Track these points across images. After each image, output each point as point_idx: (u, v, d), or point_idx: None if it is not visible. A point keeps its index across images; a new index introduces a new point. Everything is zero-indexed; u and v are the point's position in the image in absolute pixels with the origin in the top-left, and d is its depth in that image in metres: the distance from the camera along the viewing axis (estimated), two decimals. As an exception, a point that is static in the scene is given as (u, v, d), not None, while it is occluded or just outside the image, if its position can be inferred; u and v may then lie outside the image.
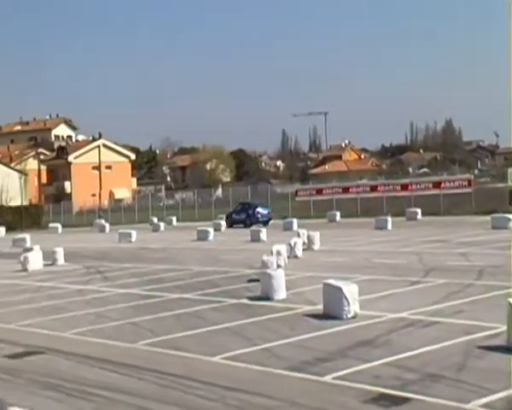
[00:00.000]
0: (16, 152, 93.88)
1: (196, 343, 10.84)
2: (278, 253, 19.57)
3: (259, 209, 45.56)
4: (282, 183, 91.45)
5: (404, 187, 49.34)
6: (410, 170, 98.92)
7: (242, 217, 45.08)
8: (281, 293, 14.38)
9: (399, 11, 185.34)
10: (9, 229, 55.23)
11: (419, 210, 41.55)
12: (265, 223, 42.96)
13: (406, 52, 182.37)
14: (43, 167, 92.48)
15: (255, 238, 30.79)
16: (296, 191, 57.16)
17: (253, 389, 8.23)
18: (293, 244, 22.46)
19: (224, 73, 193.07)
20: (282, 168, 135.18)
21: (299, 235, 25.79)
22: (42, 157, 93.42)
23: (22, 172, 73.67)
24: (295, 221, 38.73)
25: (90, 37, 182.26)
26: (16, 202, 65.95)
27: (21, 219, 62.55)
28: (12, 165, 79.91)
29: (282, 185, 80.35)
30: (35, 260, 24.08)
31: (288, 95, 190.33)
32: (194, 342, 10.92)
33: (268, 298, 14.25)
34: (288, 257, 20.96)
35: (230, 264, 21.87)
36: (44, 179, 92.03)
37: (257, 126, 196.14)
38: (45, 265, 24.40)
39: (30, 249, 26.94)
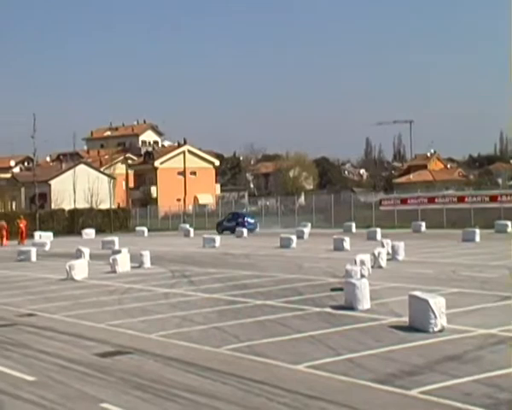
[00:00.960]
0: (106, 157, 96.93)
1: (280, 351, 10.88)
2: (362, 262, 19.40)
3: (247, 219, 52.86)
4: (365, 192, 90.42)
5: (494, 198, 47.89)
6: (500, 181, 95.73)
7: (233, 224, 51.24)
8: (365, 303, 14.25)
9: (484, 13, 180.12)
10: (99, 231, 57.10)
11: (509, 223, 40.20)
12: (252, 230, 49.72)
13: (493, 58, 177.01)
14: (131, 172, 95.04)
15: (338, 247, 30.61)
16: (380, 200, 56.45)
17: (336, 399, 8.19)
18: (377, 254, 22.20)
19: (307, 81, 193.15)
20: (365, 177, 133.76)
21: (383, 245, 25.47)
22: (129, 162, 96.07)
23: (111, 177, 76.01)
24: (379, 231, 38.26)
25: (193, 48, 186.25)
26: (105, 205, 68.12)
27: (110, 221, 64.54)
28: (102, 169, 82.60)
29: (365, 194, 79.47)
30: (123, 263, 24.76)
31: (372, 103, 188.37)
32: (277, 350, 10.96)
33: (352, 308, 14.15)
34: (372, 267, 20.73)
35: (313, 272, 21.82)
36: (132, 184, 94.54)
37: (340, 135, 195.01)
38: (133, 267, 25.06)
39: (118, 252, 27.72)
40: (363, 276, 17.54)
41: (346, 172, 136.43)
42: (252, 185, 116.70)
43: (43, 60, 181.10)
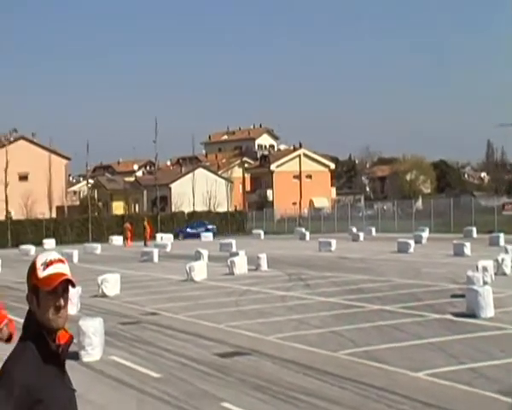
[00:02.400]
0: (223, 160, 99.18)
1: (398, 357, 10.71)
2: (484, 269, 18.70)
3: (210, 226, 59.66)
4: (486, 195, 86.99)
5: None
6: None
7: (198, 231, 57.84)
8: (488, 311, 13.73)
9: None
10: (216, 233, 58.38)
11: None
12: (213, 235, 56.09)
13: None
14: (247, 175, 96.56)
15: (458, 252, 29.64)
16: (503, 205, 54.18)
17: (458, 410, 7.96)
18: (500, 260, 21.32)
19: (425, 83, 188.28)
20: (486, 180, 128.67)
21: (506, 251, 24.42)
22: (246, 166, 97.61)
23: (228, 180, 77.53)
24: (502, 236, 36.68)
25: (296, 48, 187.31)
26: (223, 207, 69.58)
27: (227, 224, 65.84)
28: (219, 172, 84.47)
29: (486, 198, 76.42)
30: (240, 265, 25.18)
31: (493, 104, 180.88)
32: (395, 356, 10.79)
33: (474, 315, 13.67)
34: (495, 274, 19.92)
35: (432, 277, 21.27)
36: (248, 187, 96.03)
37: (460, 137, 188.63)
38: (250, 269, 25.42)
39: (236, 254, 28.21)
40: (485, 283, 16.90)
41: (466, 176, 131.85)
42: (367, 189, 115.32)
43: (164, 67, 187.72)
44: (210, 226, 59.95)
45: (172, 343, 12.66)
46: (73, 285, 2.79)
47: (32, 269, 2.78)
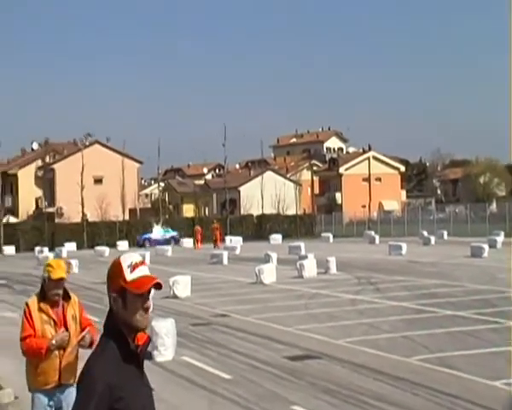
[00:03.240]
0: (292, 163, 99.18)
1: (473, 364, 10.44)
2: None
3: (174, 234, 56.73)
4: None
5: None
6: None
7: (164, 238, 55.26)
8: None
9: None
10: (285, 236, 58.43)
11: None
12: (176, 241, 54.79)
13: None
14: (316, 178, 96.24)
15: (535, 257, 28.65)
16: None
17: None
18: None
19: (496, 84, 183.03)
20: None
21: None
22: (314, 168, 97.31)
23: (297, 183, 77.54)
24: None
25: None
26: (291, 210, 69.61)
27: (296, 227, 65.81)
28: (288, 176, 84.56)
29: None
30: (310, 268, 25.12)
31: None
32: (470, 363, 10.53)
33: (552, 323, 13.20)
34: None
35: (508, 284, 20.63)
36: (317, 190, 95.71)
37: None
38: (319, 273, 25.33)
39: (305, 257, 28.18)
40: None
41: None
42: (439, 192, 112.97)
43: (232, 71, 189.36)
44: (174, 234, 56.43)
45: (243, 345, 12.75)
46: (161, 287, 2.89)
47: (118, 271, 2.84)
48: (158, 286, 2.85)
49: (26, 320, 5.67)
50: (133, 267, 2.82)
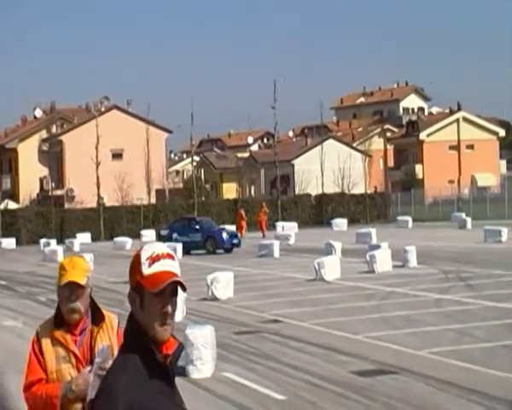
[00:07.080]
0: (359, 129, 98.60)
1: None
2: None
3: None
4: None
5: None
6: None
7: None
8: None
9: None
10: (352, 221, 58.25)
11: None
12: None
13: None
14: (390, 147, 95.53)
15: None
16: None
17: None
18: None
19: None
20: None
21: None
22: (388, 135, 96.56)
23: (366, 154, 76.99)
24: None
25: None
26: (359, 189, 69.14)
27: (365, 209, 65.52)
28: (354, 144, 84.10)
29: None
30: (383, 260, 25.04)
31: None
32: None
33: None
34: None
35: None
36: (391, 162, 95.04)
37: None
38: (394, 266, 25.26)
39: (377, 247, 28.08)
40: None
41: None
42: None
43: (284, 19, 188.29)
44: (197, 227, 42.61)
45: (298, 358, 12.82)
46: (184, 288, 2.85)
47: (136, 263, 2.86)
48: (179, 286, 2.82)
49: (33, 357, 4.55)
50: (153, 260, 2.82)
